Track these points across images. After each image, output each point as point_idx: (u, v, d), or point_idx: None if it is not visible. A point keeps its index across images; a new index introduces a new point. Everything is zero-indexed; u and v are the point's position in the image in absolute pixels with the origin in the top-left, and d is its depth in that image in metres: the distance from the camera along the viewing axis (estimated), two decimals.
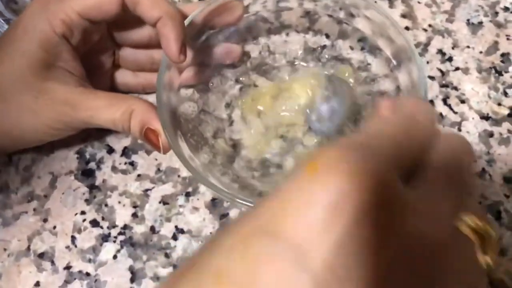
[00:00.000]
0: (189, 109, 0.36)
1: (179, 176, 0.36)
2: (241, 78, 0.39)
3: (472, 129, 0.38)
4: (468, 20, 0.42)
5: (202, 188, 0.36)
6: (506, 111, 0.38)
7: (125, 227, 0.35)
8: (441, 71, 0.40)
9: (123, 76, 0.37)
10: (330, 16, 0.39)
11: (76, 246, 0.34)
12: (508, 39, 0.41)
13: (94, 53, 0.35)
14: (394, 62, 0.35)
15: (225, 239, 0.14)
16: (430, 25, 0.42)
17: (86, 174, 0.37)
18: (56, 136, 0.34)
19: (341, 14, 0.38)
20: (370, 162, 0.14)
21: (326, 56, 0.39)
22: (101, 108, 0.31)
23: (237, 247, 0.13)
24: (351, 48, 0.39)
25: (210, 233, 0.34)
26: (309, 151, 0.13)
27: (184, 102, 0.36)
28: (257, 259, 0.13)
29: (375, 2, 0.43)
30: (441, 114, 0.38)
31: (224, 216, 0.35)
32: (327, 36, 0.40)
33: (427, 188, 0.16)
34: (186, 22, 0.33)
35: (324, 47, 0.40)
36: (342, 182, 0.13)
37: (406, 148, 0.16)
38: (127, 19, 0.33)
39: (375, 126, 0.16)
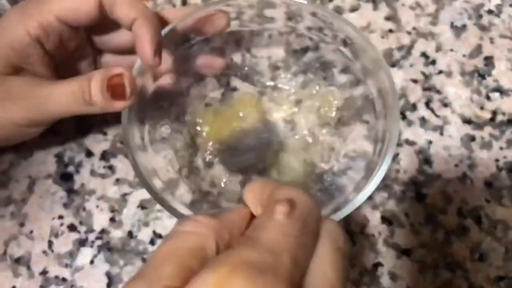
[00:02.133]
0: (162, 123, 0.35)
1: None
2: (221, 84, 0.38)
3: (454, 133, 0.37)
4: (452, 23, 0.42)
5: (180, 191, 0.35)
6: (488, 115, 0.38)
7: (103, 231, 0.34)
8: (424, 74, 0.40)
9: None
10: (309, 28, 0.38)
11: (52, 251, 0.34)
12: (491, 42, 0.41)
13: (74, 61, 0.35)
14: (367, 72, 0.35)
15: None
16: (414, 28, 0.42)
17: (65, 178, 0.36)
18: (25, 134, 0.33)
19: (317, 37, 0.38)
20: None
21: (309, 59, 0.39)
22: (58, 84, 0.30)
23: None
24: (334, 51, 0.39)
25: None
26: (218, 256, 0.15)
27: (156, 111, 0.35)
28: None
29: (359, 4, 0.43)
30: (423, 117, 0.38)
31: None
32: (310, 39, 0.40)
33: None
34: (167, 29, 0.32)
35: (307, 49, 0.39)
36: None
37: (303, 261, 0.17)
38: (106, 24, 0.32)
39: (272, 237, 0.16)
